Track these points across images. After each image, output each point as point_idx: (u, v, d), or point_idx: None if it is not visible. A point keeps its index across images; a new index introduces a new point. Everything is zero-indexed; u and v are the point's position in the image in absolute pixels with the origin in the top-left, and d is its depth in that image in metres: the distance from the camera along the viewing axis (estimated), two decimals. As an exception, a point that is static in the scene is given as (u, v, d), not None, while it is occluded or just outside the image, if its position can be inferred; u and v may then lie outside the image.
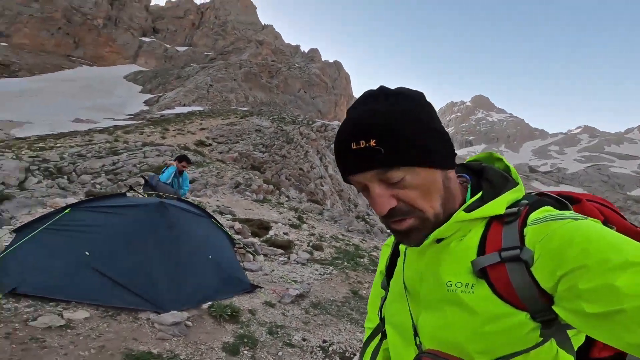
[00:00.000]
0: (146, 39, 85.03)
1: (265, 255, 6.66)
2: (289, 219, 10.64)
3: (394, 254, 0.84)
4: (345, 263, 7.26)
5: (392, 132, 0.58)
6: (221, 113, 40.64)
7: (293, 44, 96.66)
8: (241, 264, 5.05)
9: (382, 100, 0.61)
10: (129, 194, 4.54)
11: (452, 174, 0.66)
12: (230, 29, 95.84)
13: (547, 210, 0.60)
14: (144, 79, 66.62)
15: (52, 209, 7.24)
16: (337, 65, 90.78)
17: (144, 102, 54.67)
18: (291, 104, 65.90)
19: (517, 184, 0.67)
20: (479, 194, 0.66)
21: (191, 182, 13.03)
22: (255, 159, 26.78)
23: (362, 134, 0.58)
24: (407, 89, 0.64)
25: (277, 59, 77.80)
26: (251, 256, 6.15)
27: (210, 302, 3.62)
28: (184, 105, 50.07)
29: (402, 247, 0.78)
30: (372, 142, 0.57)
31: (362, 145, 0.58)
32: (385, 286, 0.84)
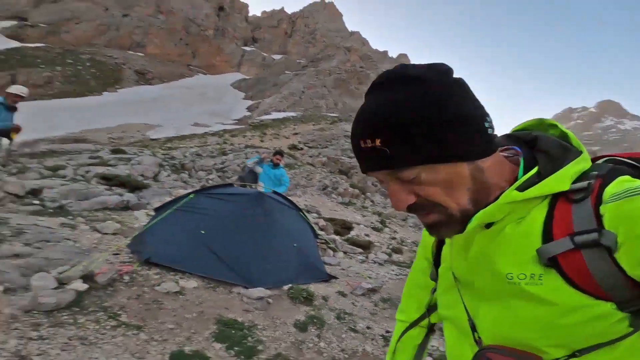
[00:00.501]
0: (247, 48, 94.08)
1: (344, 252, 7.05)
2: (372, 222, 10.86)
3: (440, 241, 0.76)
4: (425, 269, 7.19)
5: (399, 129, 0.51)
6: (312, 119, 42.62)
7: (380, 49, 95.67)
8: (322, 257, 5.56)
9: (393, 87, 0.54)
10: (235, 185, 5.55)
11: (487, 162, 0.56)
12: (319, 37, 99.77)
13: (625, 182, 0.51)
14: (247, 86, 73.94)
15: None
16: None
17: (246, 108, 60.78)
18: (380, 111, 64.98)
19: (581, 152, 0.57)
20: (534, 169, 0.56)
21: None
22: (343, 163, 27.54)
23: (367, 133, 0.53)
24: (429, 69, 0.55)
25: (366, 65, 77.90)
26: (331, 251, 6.59)
27: (290, 285, 4.05)
28: (280, 110, 54.09)
29: None
30: (377, 142, 0.52)
31: (368, 145, 0.53)
32: (435, 276, 0.77)
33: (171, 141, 29.15)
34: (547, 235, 0.53)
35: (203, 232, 3.98)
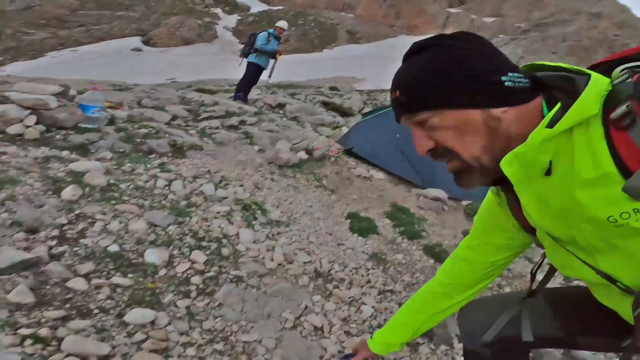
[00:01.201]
0: (453, 10, 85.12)
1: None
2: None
3: (516, 208, 0.75)
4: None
5: (411, 82, 0.64)
6: None
7: None
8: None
9: (418, 53, 0.66)
10: None
11: (509, 113, 0.60)
12: (548, 0, 78.48)
13: None
14: None
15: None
16: None
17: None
18: None
19: (588, 74, 0.57)
20: (558, 105, 0.57)
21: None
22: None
23: (393, 87, 0.67)
24: (453, 37, 0.65)
25: (623, 34, 56.72)
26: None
27: (470, 202, 4.05)
28: None
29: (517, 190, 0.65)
30: (397, 93, 0.66)
31: (393, 97, 0.67)
32: (537, 240, 0.78)
33: (373, 92, 31.07)
34: (622, 168, 0.50)
35: (398, 135, 4.39)
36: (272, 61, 6.69)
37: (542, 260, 0.91)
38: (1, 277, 1.35)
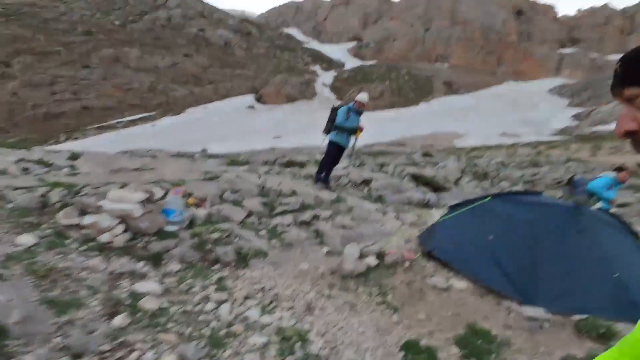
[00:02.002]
0: (567, 50, 76.44)
1: None
2: None
3: None
4: None
5: (631, 56, 0.66)
6: None
7: None
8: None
9: None
10: (545, 193, 4.64)
11: None
12: None
13: None
14: (571, 92, 60.47)
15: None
16: None
17: (571, 117, 49.94)
18: None
19: None
20: None
21: (624, 205, 10.60)
22: None
23: (618, 63, 0.69)
24: None
25: None
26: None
27: (585, 316, 3.09)
28: None
29: None
30: (617, 65, 0.68)
31: (614, 69, 0.69)
32: None
33: (476, 150, 28.86)
34: None
35: (490, 237, 3.70)
36: (352, 138, 6.42)
37: None
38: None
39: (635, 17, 79.14)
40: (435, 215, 6.32)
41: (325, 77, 68.67)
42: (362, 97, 6.30)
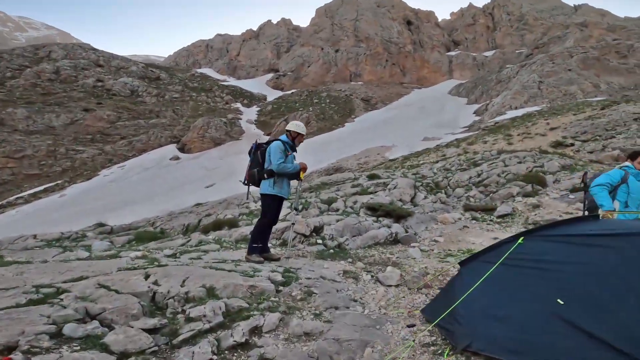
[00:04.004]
0: (452, 53, 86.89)
1: None
2: None
3: None
4: None
5: None
6: (570, 108, 33.58)
7: (633, 16, 65.81)
8: None
9: None
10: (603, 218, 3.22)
11: None
12: (532, 21, 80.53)
13: None
14: (466, 91, 67.85)
15: (442, 223, 7.65)
16: None
17: (473, 113, 55.18)
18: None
19: None
20: None
21: (576, 190, 10.32)
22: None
23: None
24: None
25: (621, 36, 55.42)
26: None
27: None
28: (516, 108, 45.95)
29: None
30: None
31: None
32: None
33: (409, 159, 29.35)
34: None
35: (560, 301, 2.22)
36: (295, 183, 4.57)
37: None
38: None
39: (494, 13, 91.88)
40: (416, 255, 4.89)
41: (249, 113, 67.00)
42: (299, 126, 4.61)
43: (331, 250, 5.19)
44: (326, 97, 70.02)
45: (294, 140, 4.50)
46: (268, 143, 4.51)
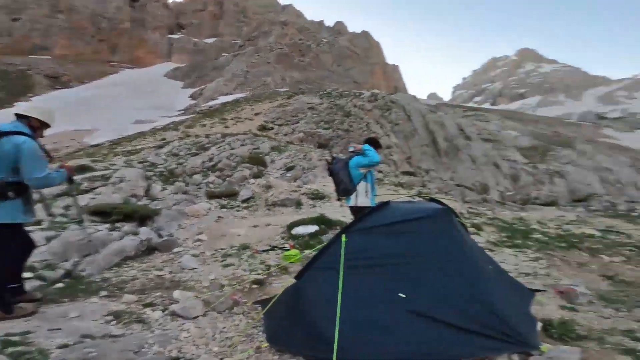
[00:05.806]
0: (174, 36, 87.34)
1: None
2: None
3: None
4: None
5: None
6: (267, 96, 40.48)
7: (316, 20, 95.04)
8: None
9: None
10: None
11: None
12: (251, 15, 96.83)
13: None
14: (182, 75, 68.52)
15: (194, 217, 6.66)
16: (365, 35, 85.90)
17: (189, 97, 56.13)
18: (327, 79, 63.87)
19: None
20: None
21: (289, 169, 12.23)
22: (321, 136, 26.08)
23: None
24: None
25: (305, 37, 76.29)
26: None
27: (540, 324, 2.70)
28: (226, 94, 50.83)
29: None
30: None
31: None
32: None
33: (119, 144, 25.26)
34: None
35: (403, 295, 2.25)
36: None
37: None
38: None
39: (223, 2, 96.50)
40: (189, 262, 3.95)
41: None
42: (40, 113, 3.13)
43: (60, 285, 3.23)
44: (-10, 70, 47.73)
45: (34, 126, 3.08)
46: None
